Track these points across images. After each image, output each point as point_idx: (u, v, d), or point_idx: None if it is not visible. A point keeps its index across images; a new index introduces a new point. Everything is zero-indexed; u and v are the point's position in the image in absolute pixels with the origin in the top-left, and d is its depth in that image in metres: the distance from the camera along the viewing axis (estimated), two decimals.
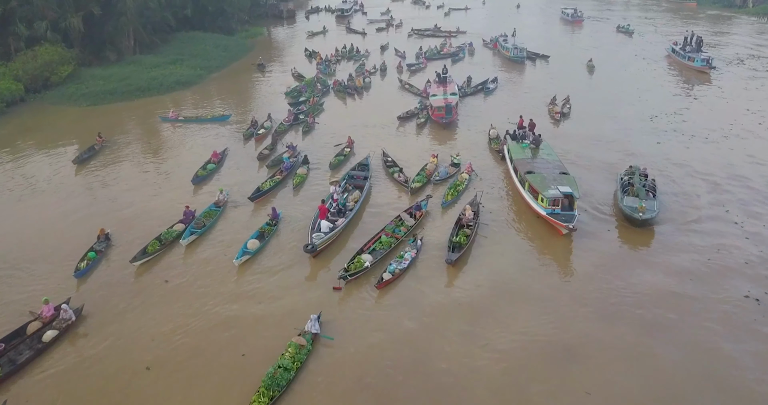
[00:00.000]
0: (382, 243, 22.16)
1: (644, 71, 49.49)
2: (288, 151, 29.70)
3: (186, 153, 30.85)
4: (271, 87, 44.37)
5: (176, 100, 40.30)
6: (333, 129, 34.88)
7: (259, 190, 26.02)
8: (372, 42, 62.24)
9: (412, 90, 42.92)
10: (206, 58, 48.09)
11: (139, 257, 20.38)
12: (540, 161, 27.30)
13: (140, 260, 20.31)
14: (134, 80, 40.63)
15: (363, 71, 47.91)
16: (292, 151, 29.65)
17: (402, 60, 53.90)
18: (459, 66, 52.59)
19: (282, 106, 39.30)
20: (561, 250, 22.33)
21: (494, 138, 33.13)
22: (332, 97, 42.54)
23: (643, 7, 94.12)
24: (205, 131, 34.36)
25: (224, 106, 39.35)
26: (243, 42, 57.21)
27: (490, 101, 40.93)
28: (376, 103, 40.84)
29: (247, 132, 33.77)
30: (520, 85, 45.00)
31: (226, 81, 45.92)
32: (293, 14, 76.67)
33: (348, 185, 27.03)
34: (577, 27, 75.63)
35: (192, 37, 53.44)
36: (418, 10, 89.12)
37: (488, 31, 68.12)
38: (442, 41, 61.52)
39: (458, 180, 27.60)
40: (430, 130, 34.91)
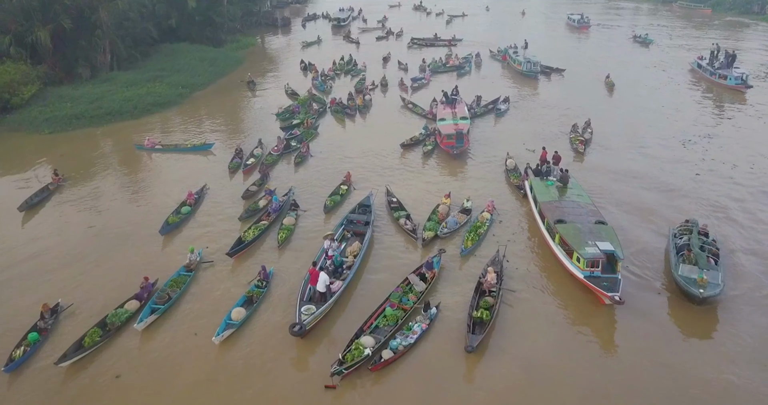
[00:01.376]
0: (386, 317, 18.10)
1: (668, 88, 45.48)
2: (266, 196, 25.51)
3: (158, 192, 26.68)
4: (262, 107, 40.20)
5: (153, 124, 36.04)
6: (329, 159, 30.83)
7: (241, 242, 21.94)
8: (371, 52, 58.25)
9: (416, 110, 38.88)
10: (190, 74, 44.01)
11: (70, 355, 15.73)
12: (570, 205, 23.27)
13: (70, 359, 15.70)
14: (106, 102, 36.45)
15: (363, 88, 43.87)
16: (269, 196, 25.38)
17: (404, 74, 50.02)
18: (466, 80, 48.64)
19: (274, 130, 35.28)
20: (603, 324, 18.35)
21: (512, 169, 29.17)
22: (329, 118, 38.49)
23: (654, 13, 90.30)
24: (184, 163, 30.28)
25: (208, 131, 35.14)
26: (233, 54, 53.11)
27: (503, 124, 36.87)
28: (377, 126, 36.80)
29: (232, 163, 29.69)
30: (535, 104, 40.93)
31: (210, 101, 41.64)
32: (288, 22, 72.65)
33: (346, 232, 23.02)
34: (584, 33, 72.15)
35: (176, 49, 49.30)
36: (419, 16, 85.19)
37: (493, 40, 64.40)
38: (446, 52, 57.69)
39: (479, 221, 23.82)
40: (439, 161, 30.85)
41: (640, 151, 32.02)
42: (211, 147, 31.45)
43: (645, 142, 33.51)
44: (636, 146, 32.75)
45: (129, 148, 32.12)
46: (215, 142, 31.89)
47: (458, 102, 35.45)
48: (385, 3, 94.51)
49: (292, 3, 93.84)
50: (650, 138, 34.06)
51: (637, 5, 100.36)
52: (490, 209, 24.88)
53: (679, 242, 20.95)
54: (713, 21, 79.38)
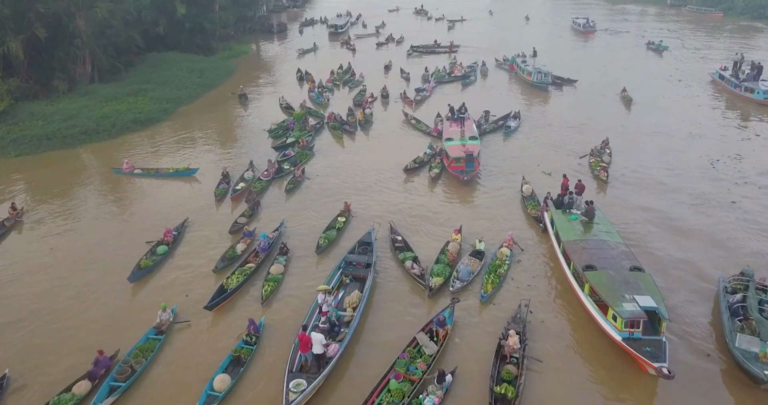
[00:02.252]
0: (391, 392, 15.16)
1: (688, 101, 42.57)
2: (244, 240, 22.27)
3: (132, 228, 23.67)
4: (254, 123, 37.22)
5: (132, 145, 32.87)
6: (326, 185, 27.92)
7: (223, 291, 19.03)
8: (372, 60, 55.49)
9: (420, 127, 35.96)
10: (176, 87, 41.00)
11: None
12: (598, 245, 20.35)
13: None
14: (82, 119, 33.29)
15: (363, 101, 40.94)
16: (248, 239, 22.33)
17: (407, 83, 47.26)
18: (472, 91, 45.84)
19: (267, 150, 32.36)
20: (646, 398, 15.45)
21: (529, 196, 26.32)
22: (326, 135, 35.59)
23: (661, 17, 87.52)
24: (164, 190, 27.34)
25: (192, 152, 32.03)
26: (224, 64, 50.14)
27: (514, 143, 33.93)
28: (378, 144, 33.87)
29: (218, 190, 26.78)
30: (547, 119, 37.96)
31: (197, 117, 38.13)
32: (285, 28, 69.76)
33: (344, 277, 20.11)
34: (590, 38, 69.75)
35: (163, 59, 46.35)
36: (419, 21, 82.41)
37: (498, 46, 61.86)
38: (451, 59, 54.89)
39: (497, 258, 21.13)
40: (446, 187, 27.92)
41: (667, 175, 29.09)
42: (194, 172, 28.42)
43: (670, 162, 30.65)
44: (660, 168, 29.86)
45: (104, 172, 29.14)
46: (199, 168, 28.68)
47: (466, 119, 32.56)
48: (385, 7, 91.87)
49: (289, 7, 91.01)
50: (675, 158, 31.19)
51: (643, 8, 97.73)
52: (510, 244, 22.11)
53: (732, 300, 17.80)
54: (725, 25, 76.64)
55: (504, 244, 22.18)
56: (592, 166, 29.43)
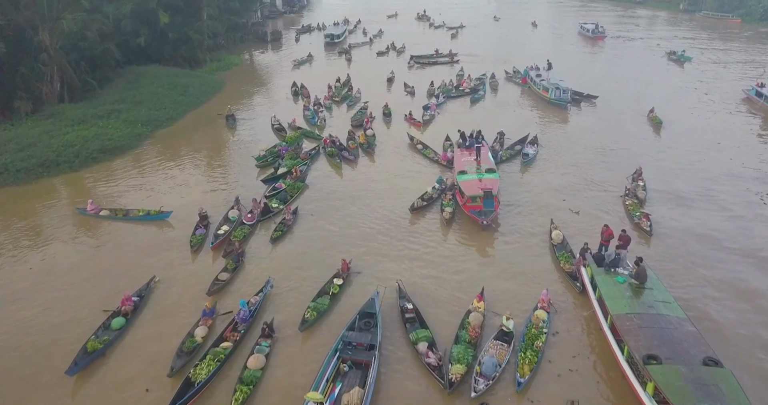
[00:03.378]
0: None
1: (721, 121, 38.49)
2: (204, 321, 17.67)
3: (84, 292, 19.48)
4: (243, 149, 33.00)
5: (97, 179, 28.57)
6: (320, 229, 23.90)
7: (190, 385, 15.03)
8: (372, 72, 51.58)
9: (427, 153, 31.88)
10: (154, 106, 36.76)
11: None
12: (658, 322, 16.35)
13: None
14: (40, 149, 29.01)
15: (365, 120, 36.91)
16: (209, 320, 17.79)
17: (411, 98, 43.49)
18: (481, 108, 41.91)
19: (255, 183, 28.33)
20: None
21: (559, 244, 22.38)
22: (322, 162, 31.57)
23: (673, 22, 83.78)
24: (132, 237, 23.23)
25: (167, 188, 27.74)
26: (211, 77, 46.03)
27: (534, 173, 29.88)
28: (380, 174, 29.79)
29: (195, 238, 22.71)
30: (568, 144, 33.79)
31: (175, 143, 33.40)
32: (279, 36, 65.69)
33: (342, 363, 16.07)
34: (600, 45, 66.40)
35: (143, 73, 42.20)
36: (421, 28, 78.39)
37: (505, 55, 58.18)
38: (457, 71, 50.96)
39: (532, 324, 17.47)
40: (462, 232, 23.84)
41: (713, 214, 25.07)
42: (167, 216, 24.24)
43: (716, 199, 26.68)
44: (706, 205, 25.86)
45: (62, 215, 24.94)
46: (172, 212, 24.43)
47: (481, 147, 28.53)
48: (384, 13, 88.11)
49: (285, 13, 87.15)
50: (720, 192, 27.26)
51: (653, 13, 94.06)
52: (546, 305, 18.38)
53: None
54: (744, 32, 72.81)
55: (539, 306, 18.41)
56: (629, 211, 25.05)
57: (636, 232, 22.96)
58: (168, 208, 24.81)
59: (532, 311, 18.41)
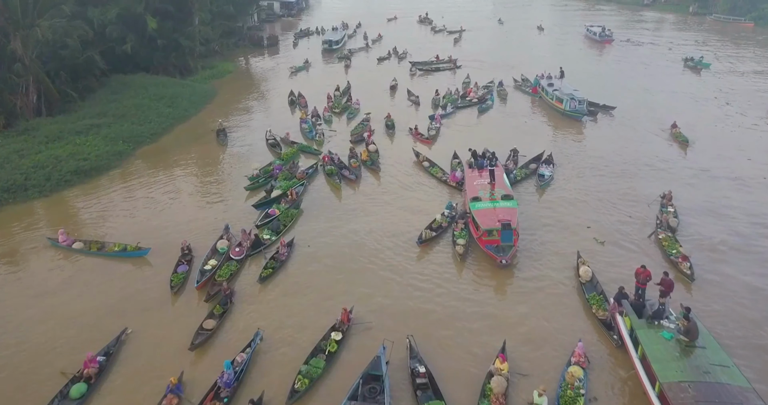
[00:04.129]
0: None
1: (749, 133, 35.96)
2: (168, 399, 14.62)
3: (41, 353, 16.59)
4: (234, 168, 30.23)
5: (69, 205, 25.70)
6: (317, 270, 21.17)
7: None
8: (373, 80, 48.98)
9: (434, 172, 29.18)
10: (138, 120, 33.87)
11: None
12: (717, 394, 13.79)
13: None
14: (7, 171, 25.89)
15: (366, 133, 34.24)
16: (175, 398, 14.68)
17: (416, 109, 40.94)
18: (490, 119, 39.30)
19: (246, 208, 25.64)
20: None
21: (588, 282, 19.81)
22: (320, 182, 28.89)
23: (683, 26, 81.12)
24: (106, 275, 20.49)
25: (148, 216, 24.78)
26: (202, 86, 43.25)
27: (551, 197, 27.11)
28: (384, 197, 27.05)
29: (176, 276, 20.03)
30: (586, 162, 30.86)
31: (159, 163, 30.18)
32: (276, 41, 62.89)
33: None
34: (607, 48, 64.07)
35: (129, 82, 39.40)
36: (423, 31, 75.64)
37: (512, 61, 55.65)
38: (464, 79, 48.33)
39: (566, 384, 15.12)
40: (476, 270, 21.11)
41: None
42: (146, 253, 21.43)
43: (760, 226, 24.09)
44: (755, 247, 23.08)
45: (29, 249, 22.15)
46: (150, 248, 21.53)
47: (495, 167, 25.84)
48: (385, 16, 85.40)
49: (283, 16, 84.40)
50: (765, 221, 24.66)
51: (660, 16, 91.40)
52: (581, 360, 15.93)
53: None
54: (757, 36, 70.18)
55: (572, 360, 15.92)
56: (664, 247, 21.93)
57: (672, 271, 20.18)
58: (148, 239, 22.21)
59: (565, 367, 15.85)
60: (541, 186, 27.66)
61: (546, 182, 27.92)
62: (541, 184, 27.74)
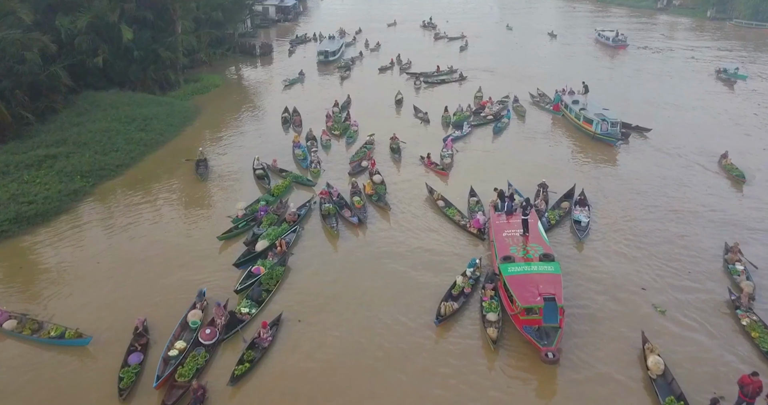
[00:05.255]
0: None
1: None
2: None
3: None
4: (214, 207, 25.53)
5: (2, 266, 20.70)
6: (304, 360, 16.57)
7: None
8: (373, 92, 44.58)
9: (450, 214, 24.42)
10: (104, 148, 28.91)
11: None
12: None
13: None
14: None
15: (366, 161, 29.67)
16: None
17: (425, 126, 36.63)
18: (509, 142, 34.75)
19: (226, 262, 21.04)
20: None
21: (660, 377, 15.42)
22: (314, 224, 24.28)
23: (699, 32, 76.64)
24: (34, 372, 15.85)
25: (99, 280, 19.89)
26: (183, 104, 38.36)
27: (593, 248, 22.25)
28: (391, 247, 22.33)
29: (128, 373, 15.28)
30: (629, 202, 25.98)
31: (123, 203, 25.22)
32: (270, 50, 58.12)
33: None
34: (621, 55, 60.06)
35: (98, 101, 34.53)
36: (426, 38, 70.95)
37: (524, 70, 51.29)
38: (475, 93, 43.84)
39: None
40: (513, 360, 16.42)
41: None
42: (86, 342, 16.64)
43: None
44: None
45: None
46: (92, 337, 16.69)
47: (520, 208, 21.21)
48: (385, 20, 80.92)
49: (279, 21, 79.71)
50: None
51: (675, 20, 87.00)
52: None
53: None
54: None
55: None
56: (751, 335, 17.06)
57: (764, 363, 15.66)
58: (101, 313, 17.76)
59: None
60: (581, 238, 22.55)
61: (585, 232, 22.89)
62: (581, 235, 22.62)
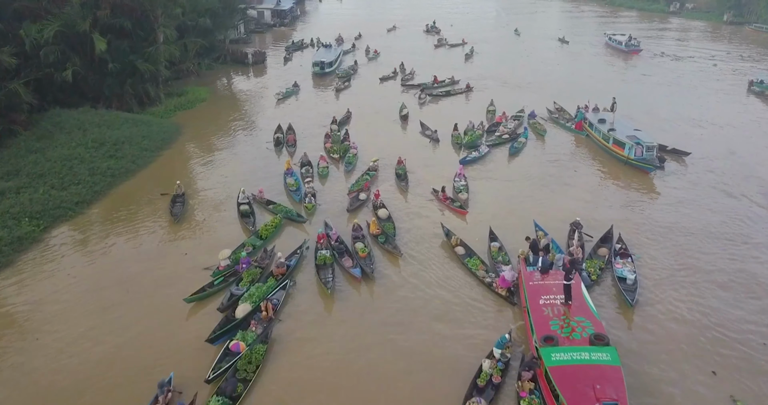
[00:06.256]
0: None
1: None
2: None
3: None
4: (190, 256, 21.33)
5: None
6: None
7: None
8: (375, 104, 40.83)
9: (472, 266, 20.34)
10: (62, 181, 24.66)
11: None
12: None
13: None
14: None
15: (373, 194, 25.69)
16: None
17: (434, 146, 32.95)
18: (526, 166, 30.73)
19: (196, 344, 17.04)
20: None
21: None
22: (306, 278, 20.27)
23: (716, 36, 72.82)
24: None
25: (44, 365, 16.02)
26: (163, 123, 34.14)
27: (646, 320, 18.10)
28: (402, 314, 18.32)
29: None
30: (680, 254, 21.70)
31: (77, 252, 20.94)
32: (263, 58, 53.85)
33: None
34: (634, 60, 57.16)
35: (64, 122, 30.28)
36: (429, 43, 66.89)
37: (537, 80, 47.66)
38: (488, 106, 40.02)
39: None
40: None
41: None
42: None
43: None
44: None
45: None
46: None
47: (558, 266, 17.27)
48: (386, 23, 77.02)
49: (275, 26, 75.64)
50: None
51: (689, 24, 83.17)
52: None
53: None
54: None
55: None
56: None
57: None
58: None
59: None
60: (631, 304, 18.04)
61: (634, 296, 18.42)
62: (630, 300, 18.10)
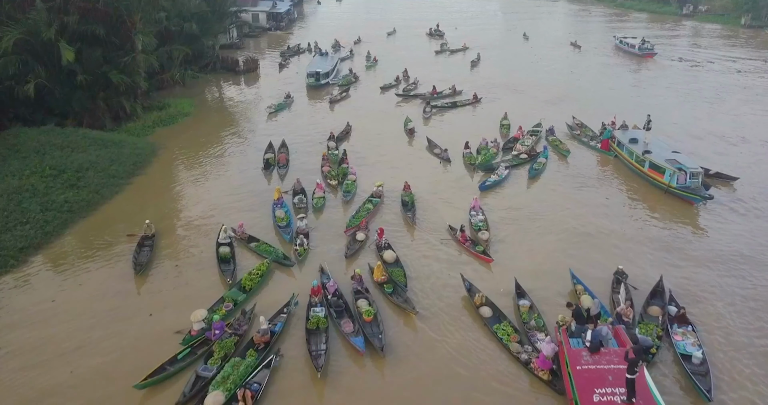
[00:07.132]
0: None
1: None
2: None
3: None
4: (158, 318, 17.45)
5: None
6: None
7: None
8: (376, 117, 37.25)
9: (502, 333, 16.44)
10: (7, 220, 20.59)
11: None
12: None
13: None
14: None
15: (376, 233, 21.93)
16: None
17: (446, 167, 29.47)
18: (548, 192, 27.03)
19: None
20: None
21: None
22: (294, 345, 16.46)
23: (734, 41, 69.12)
24: None
25: None
26: (137, 143, 29.88)
27: None
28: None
29: None
30: (747, 313, 18.16)
31: (10, 319, 16.83)
32: (255, 66, 49.81)
33: None
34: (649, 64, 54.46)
35: (21, 144, 26.22)
36: (432, 48, 63.05)
37: (552, 90, 44.25)
38: (501, 120, 36.29)
39: None
40: None
41: None
42: None
43: None
44: None
45: None
46: None
47: (628, 368, 13.39)
48: (386, 24, 73.44)
49: (270, 30, 71.89)
50: None
51: (704, 27, 79.48)
52: None
53: None
54: None
55: None
56: None
57: None
58: None
59: None
60: (709, 398, 13.88)
61: (706, 380, 14.43)
62: (703, 390, 14.01)
